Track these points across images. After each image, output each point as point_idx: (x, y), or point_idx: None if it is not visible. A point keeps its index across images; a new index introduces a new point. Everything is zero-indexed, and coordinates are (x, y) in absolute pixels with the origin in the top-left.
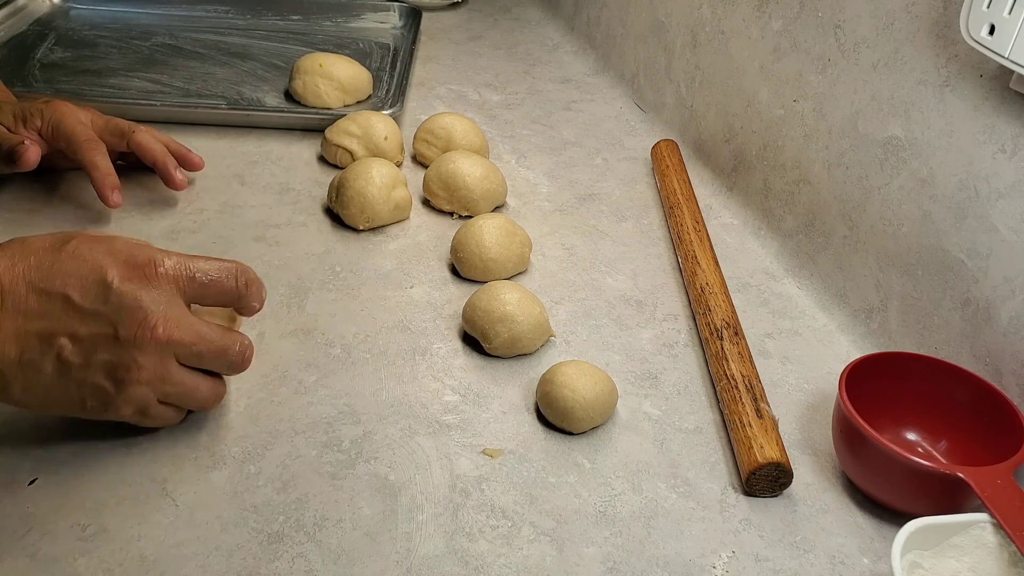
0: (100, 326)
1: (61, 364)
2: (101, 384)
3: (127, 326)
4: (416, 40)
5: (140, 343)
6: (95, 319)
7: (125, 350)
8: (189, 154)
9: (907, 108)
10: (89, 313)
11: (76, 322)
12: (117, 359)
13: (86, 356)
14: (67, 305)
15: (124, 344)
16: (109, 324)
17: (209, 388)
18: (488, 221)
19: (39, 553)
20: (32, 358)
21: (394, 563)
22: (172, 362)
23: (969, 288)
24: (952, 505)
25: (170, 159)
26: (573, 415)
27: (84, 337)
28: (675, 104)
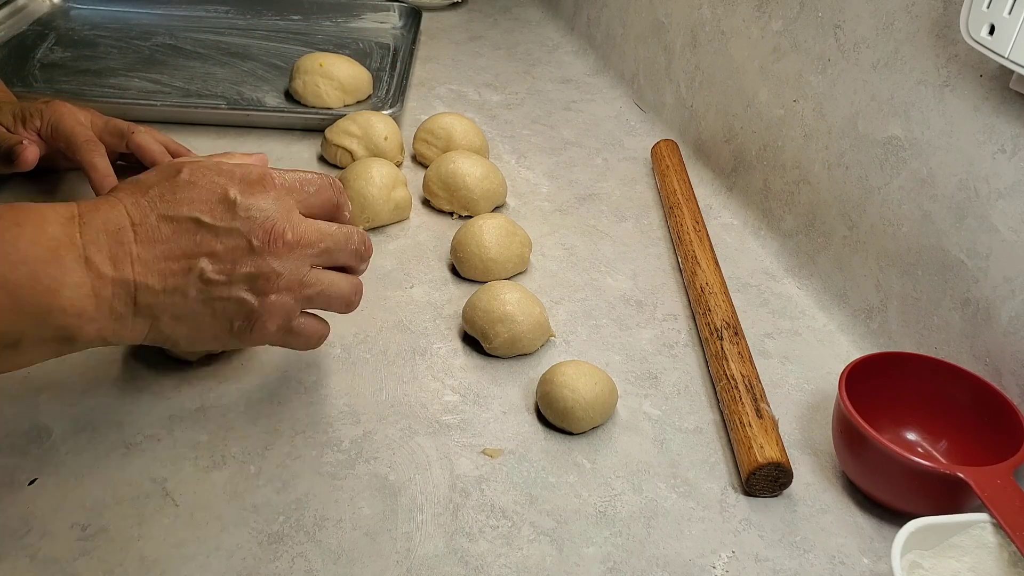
0: (234, 240)
1: (204, 284)
2: (245, 298)
3: (259, 235)
4: (416, 40)
5: (274, 249)
6: (228, 234)
7: (262, 258)
8: (189, 155)
9: (907, 108)
10: (221, 230)
11: (211, 240)
12: (256, 269)
13: (227, 271)
14: (199, 226)
15: (259, 253)
16: (242, 236)
17: (347, 282)
18: (488, 221)
19: (39, 553)
20: (176, 284)
21: (394, 563)
22: (306, 264)
23: (969, 288)
24: (952, 505)
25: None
26: (573, 415)
27: (221, 253)
28: (675, 104)
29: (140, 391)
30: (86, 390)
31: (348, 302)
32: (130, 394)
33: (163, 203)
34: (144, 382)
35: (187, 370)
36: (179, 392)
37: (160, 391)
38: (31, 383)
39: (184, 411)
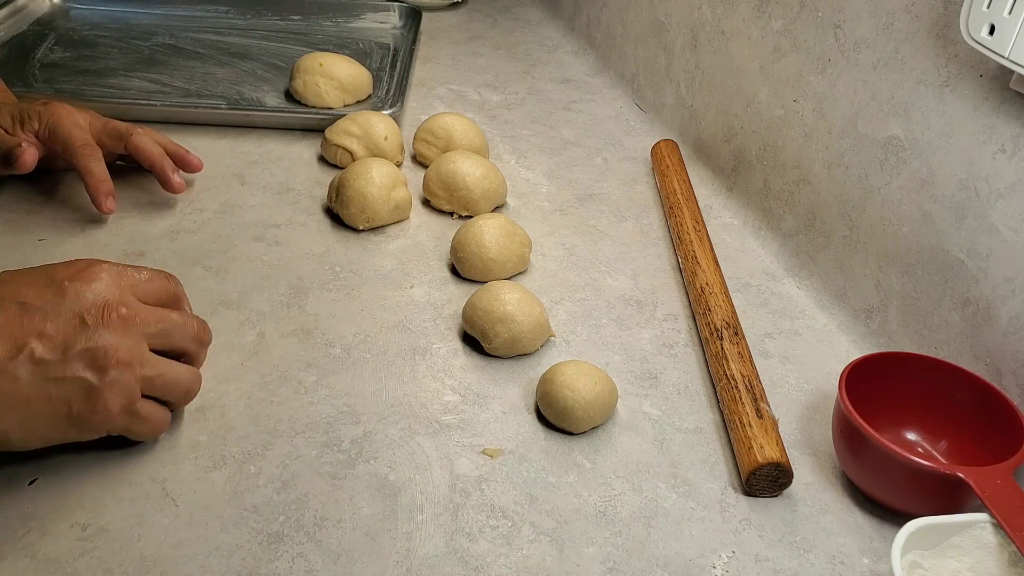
0: (65, 319)
1: (36, 365)
2: (83, 376)
3: (91, 312)
4: (416, 40)
5: (108, 323)
6: (57, 315)
7: (97, 333)
8: (187, 155)
9: (907, 108)
10: (50, 311)
11: (39, 322)
12: (92, 344)
13: (61, 348)
14: (24, 309)
15: (94, 328)
16: (73, 315)
17: (187, 371)
18: (488, 221)
19: (39, 553)
20: (4, 368)
21: (394, 563)
22: (143, 343)
23: (969, 288)
24: (952, 505)
25: (167, 162)
26: (573, 415)
27: (52, 333)
28: (675, 104)
29: None
30: None
31: (187, 390)
32: None
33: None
34: None
35: None
36: None
37: None
38: None
39: (184, 411)
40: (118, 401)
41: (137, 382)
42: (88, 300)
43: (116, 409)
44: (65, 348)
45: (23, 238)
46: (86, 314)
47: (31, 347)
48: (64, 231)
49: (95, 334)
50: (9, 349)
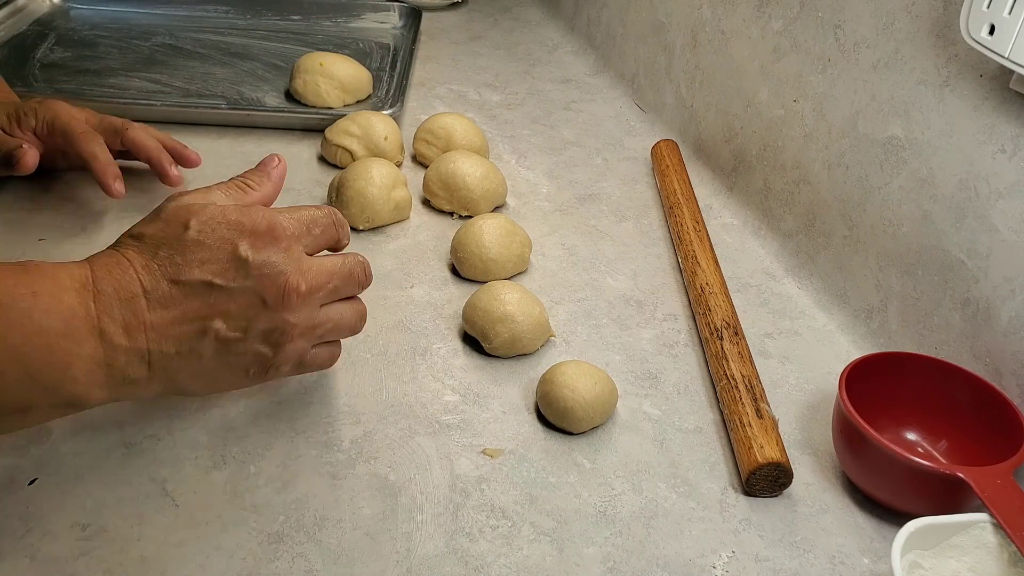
0: (247, 298)
1: (220, 344)
2: (261, 351)
3: (271, 292)
4: (416, 40)
5: (288, 303)
6: (241, 294)
7: (276, 313)
8: (185, 150)
9: (907, 108)
10: (234, 290)
11: (224, 301)
12: (271, 324)
13: (243, 329)
14: (211, 289)
15: (273, 308)
16: (255, 294)
17: (352, 312)
18: (488, 221)
19: (39, 553)
20: (191, 347)
21: (394, 563)
22: (316, 308)
23: (969, 288)
24: (952, 505)
25: (165, 155)
26: (573, 415)
27: (235, 312)
28: (675, 104)
29: None
30: None
31: (354, 330)
32: None
33: (173, 266)
34: None
35: None
36: None
37: None
38: None
39: (184, 411)
40: (289, 364)
41: (308, 343)
42: (270, 279)
43: (287, 369)
44: (247, 327)
45: (23, 238)
46: (266, 295)
47: (216, 327)
48: (64, 231)
49: (275, 314)
50: (197, 329)
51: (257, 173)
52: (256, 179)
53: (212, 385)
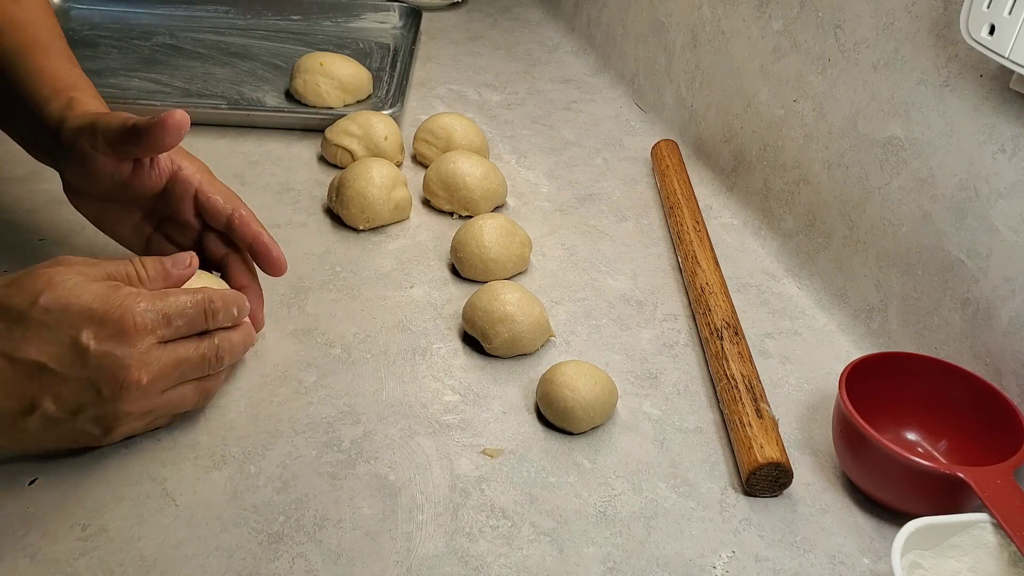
0: (81, 387)
1: (47, 421)
2: (90, 431)
3: (109, 384)
4: (416, 40)
5: (125, 396)
6: (75, 382)
7: (111, 403)
8: None
9: (907, 108)
10: (68, 377)
11: (56, 384)
12: (104, 411)
13: (72, 412)
14: (43, 371)
15: (109, 399)
16: (90, 384)
17: (194, 393)
18: (488, 221)
19: (39, 553)
20: (15, 420)
21: (394, 563)
22: (157, 395)
23: (969, 288)
24: (952, 505)
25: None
26: (573, 415)
27: (67, 397)
28: (675, 104)
29: None
30: None
31: (194, 407)
32: None
33: (10, 342)
34: None
35: None
36: None
37: None
38: None
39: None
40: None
41: (143, 423)
42: (107, 372)
43: (117, 439)
44: (77, 411)
45: (23, 238)
46: (103, 386)
47: (44, 407)
48: (64, 231)
49: (109, 404)
50: (22, 407)
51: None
52: (152, 271)
53: (34, 448)
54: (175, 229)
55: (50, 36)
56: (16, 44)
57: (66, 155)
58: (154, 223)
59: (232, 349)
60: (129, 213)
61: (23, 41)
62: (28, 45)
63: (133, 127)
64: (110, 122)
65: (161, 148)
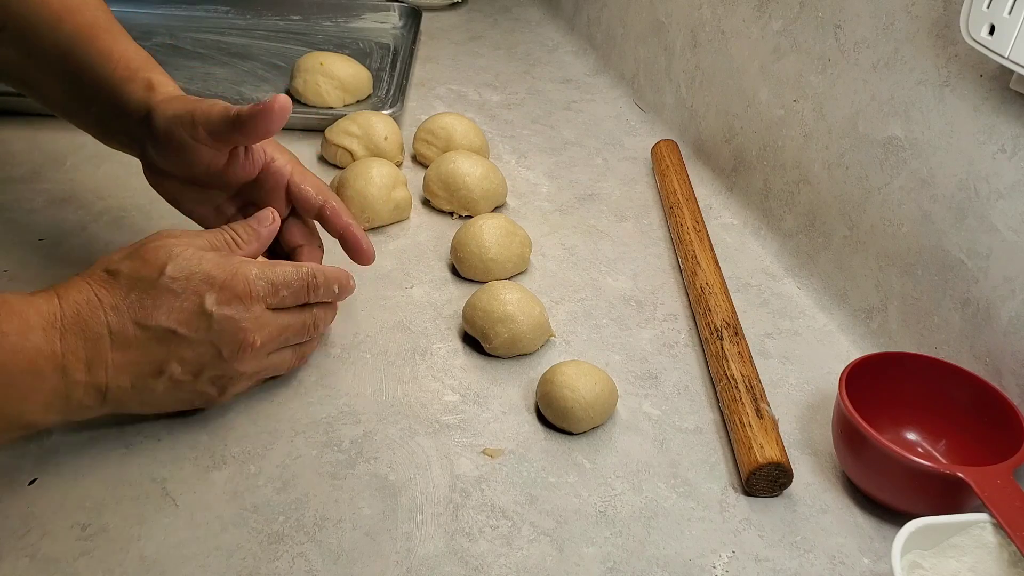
0: (205, 348)
1: (173, 383)
2: (207, 391)
3: (229, 345)
4: (416, 40)
5: (241, 356)
6: (200, 344)
7: (229, 364)
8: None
9: (907, 108)
10: (194, 340)
11: (183, 348)
12: (222, 371)
13: (195, 373)
14: (173, 336)
15: (227, 359)
16: (213, 346)
17: (292, 356)
18: (488, 221)
19: (39, 553)
20: (145, 383)
21: (394, 563)
22: (265, 357)
23: (969, 288)
24: (952, 505)
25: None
26: (573, 415)
27: (191, 359)
28: (675, 104)
29: None
30: None
31: (291, 369)
32: None
33: (142, 310)
34: None
35: None
36: None
37: None
38: None
39: (184, 411)
40: (229, 397)
41: (250, 382)
42: (228, 335)
43: (227, 399)
44: (198, 371)
45: (23, 238)
46: (224, 348)
47: (171, 370)
48: (64, 231)
49: (227, 364)
50: (154, 369)
51: (246, 228)
52: (245, 235)
53: (157, 409)
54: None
55: (107, 17)
56: (78, 27)
57: (157, 141)
58: (237, 206)
59: (326, 319)
60: (213, 196)
61: (84, 24)
62: (90, 27)
63: (236, 116)
64: (209, 112)
65: (266, 134)
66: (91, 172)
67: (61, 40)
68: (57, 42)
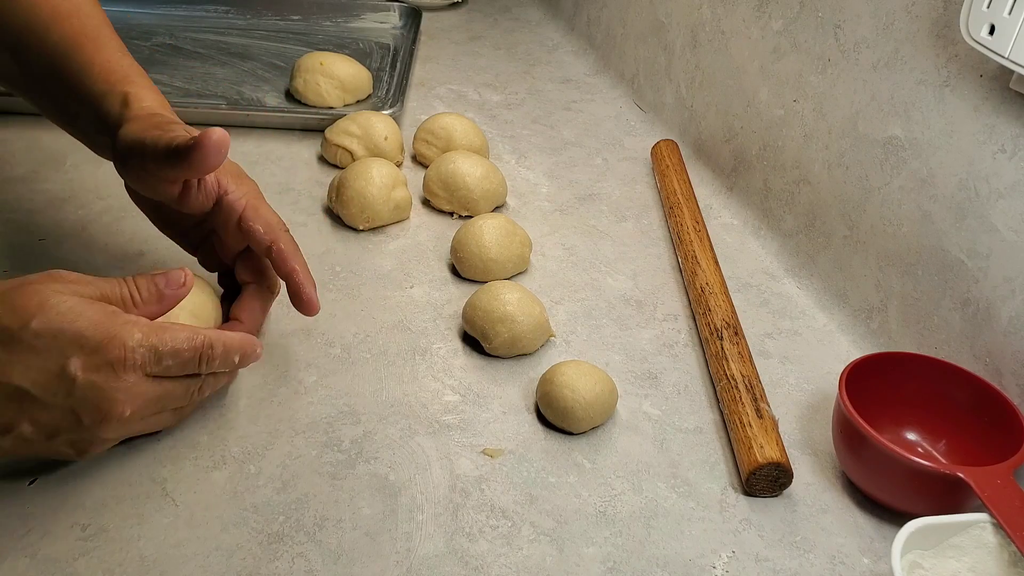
0: (61, 414)
1: (21, 441)
2: (64, 451)
3: (91, 414)
4: (416, 40)
5: (105, 425)
6: (57, 409)
7: (90, 431)
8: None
9: (907, 108)
10: (50, 404)
11: (36, 410)
12: (80, 437)
13: (48, 436)
14: (26, 397)
15: (89, 428)
16: (72, 413)
17: (170, 417)
18: (488, 221)
19: (39, 553)
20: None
21: (394, 563)
22: (136, 421)
23: (969, 288)
24: (952, 505)
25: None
26: (573, 415)
27: (46, 422)
28: (675, 104)
29: None
30: None
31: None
32: None
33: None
34: None
35: None
36: None
37: None
38: None
39: None
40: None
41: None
42: (90, 403)
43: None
44: (53, 434)
45: (23, 238)
46: (84, 416)
47: (20, 429)
48: (64, 231)
49: (88, 432)
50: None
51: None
52: (145, 293)
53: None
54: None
55: (97, 24)
56: (64, 37)
57: (121, 162)
58: (203, 234)
59: (216, 384)
60: (180, 219)
61: (70, 33)
62: (76, 36)
63: (175, 149)
64: (156, 143)
65: (206, 169)
66: (91, 172)
67: (47, 49)
68: (43, 51)
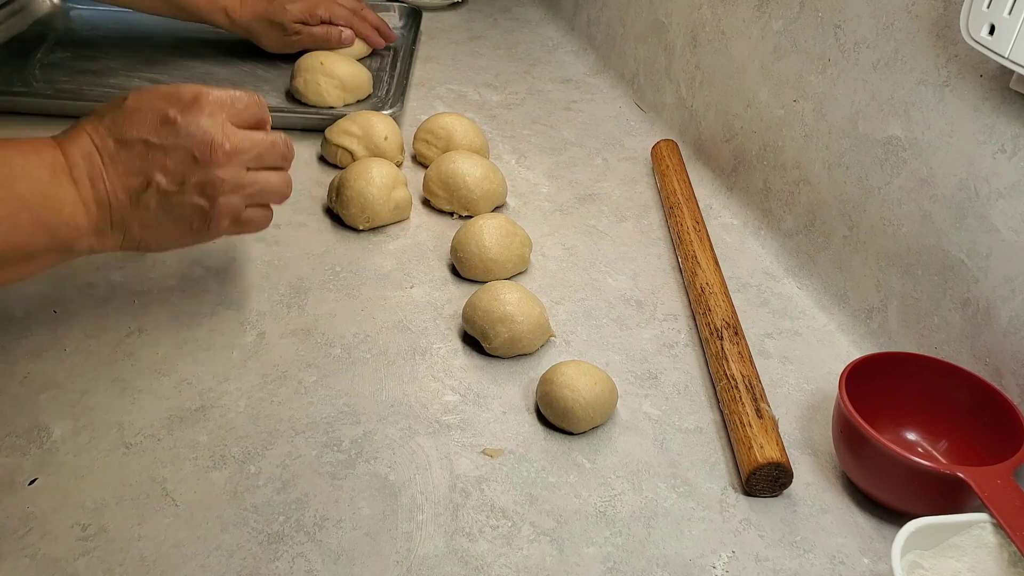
0: (179, 155)
1: (162, 196)
2: (198, 203)
3: (199, 148)
4: (416, 40)
5: (215, 159)
6: (173, 150)
7: (206, 169)
8: None
9: (907, 108)
10: (167, 147)
11: (160, 158)
12: (203, 178)
13: (179, 183)
14: (148, 146)
15: (203, 164)
16: (185, 151)
17: (279, 179)
18: (488, 221)
19: (39, 553)
20: (139, 198)
21: (394, 563)
22: (243, 168)
23: (969, 288)
24: (952, 505)
25: None
26: (573, 415)
27: (171, 168)
28: (675, 104)
29: (140, 391)
30: (86, 390)
31: (282, 195)
32: (130, 394)
33: (116, 128)
34: (144, 382)
35: (187, 369)
36: (179, 392)
37: (160, 391)
38: (31, 383)
39: (184, 411)
40: (227, 218)
41: (241, 200)
42: (197, 138)
43: (226, 223)
44: (183, 181)
45: None
46: (195, 151)
47: (157, 180)
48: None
49: (205, 169)
50: (141, 182)
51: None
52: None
53: (162, 236)
54: None
55: None
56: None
57: None
58: None
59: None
60: None
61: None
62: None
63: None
64: None
65: None
66: None
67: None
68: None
